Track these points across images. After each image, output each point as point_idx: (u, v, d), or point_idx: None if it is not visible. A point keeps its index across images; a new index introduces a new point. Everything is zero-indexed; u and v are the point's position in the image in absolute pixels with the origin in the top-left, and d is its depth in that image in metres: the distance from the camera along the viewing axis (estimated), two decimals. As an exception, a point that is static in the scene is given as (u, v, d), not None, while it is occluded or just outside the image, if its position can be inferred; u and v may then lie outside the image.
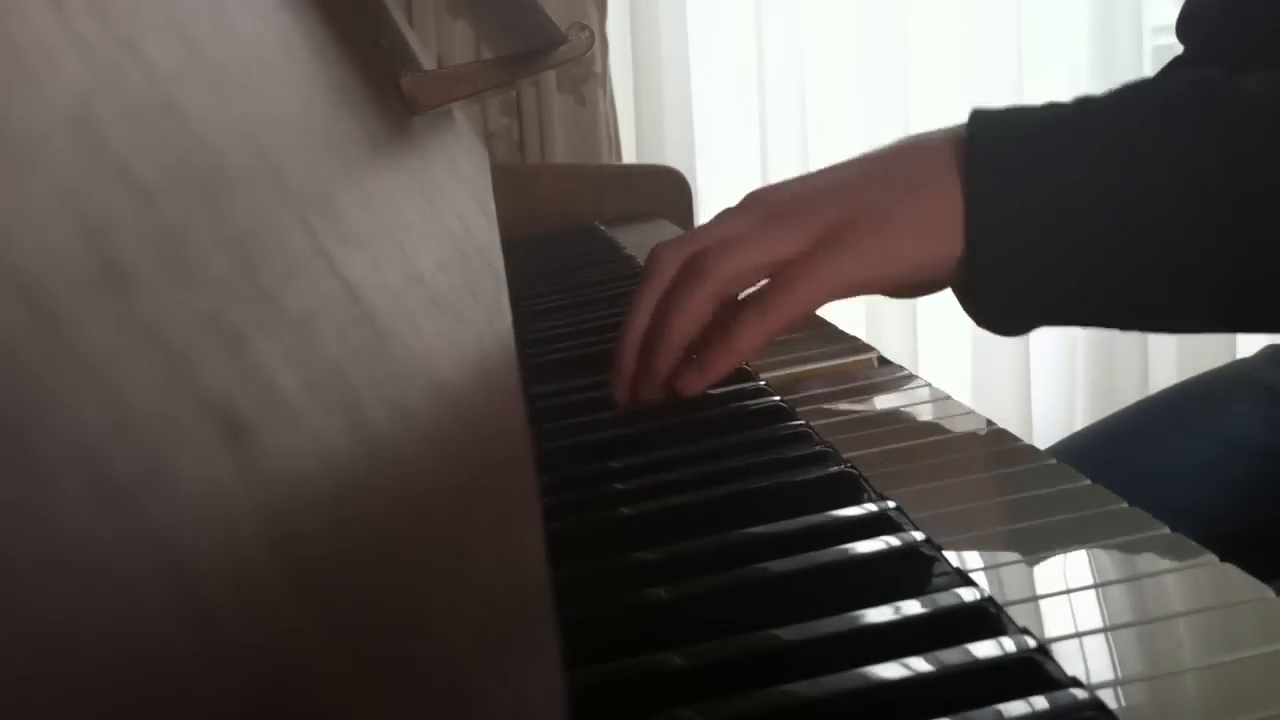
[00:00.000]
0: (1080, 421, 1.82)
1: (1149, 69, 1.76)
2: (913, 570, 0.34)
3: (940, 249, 0.50)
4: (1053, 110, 0.51)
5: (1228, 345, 1.70)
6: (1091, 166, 0.48)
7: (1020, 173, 0.49)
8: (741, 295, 0.53)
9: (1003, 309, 0.51)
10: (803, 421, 0.47)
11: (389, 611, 0.17)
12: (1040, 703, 0.26)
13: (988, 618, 0.31)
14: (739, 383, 0.53)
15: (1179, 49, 0.82)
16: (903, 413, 0.50)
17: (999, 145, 0.50)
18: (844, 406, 0.51)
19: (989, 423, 0.47)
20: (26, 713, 0.09)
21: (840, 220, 0.50)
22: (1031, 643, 0.29)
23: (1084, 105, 0.50)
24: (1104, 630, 0.31)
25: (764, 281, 0.51)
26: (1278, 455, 0.77)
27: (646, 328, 0.51)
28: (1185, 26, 0.82)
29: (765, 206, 0.51)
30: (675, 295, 0.50)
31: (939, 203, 0.50)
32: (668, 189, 1.13)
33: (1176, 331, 0.53)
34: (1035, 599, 0.33)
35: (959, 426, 0.48)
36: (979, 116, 0.51)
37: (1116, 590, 0.33)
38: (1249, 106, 0.47)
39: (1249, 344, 1.63)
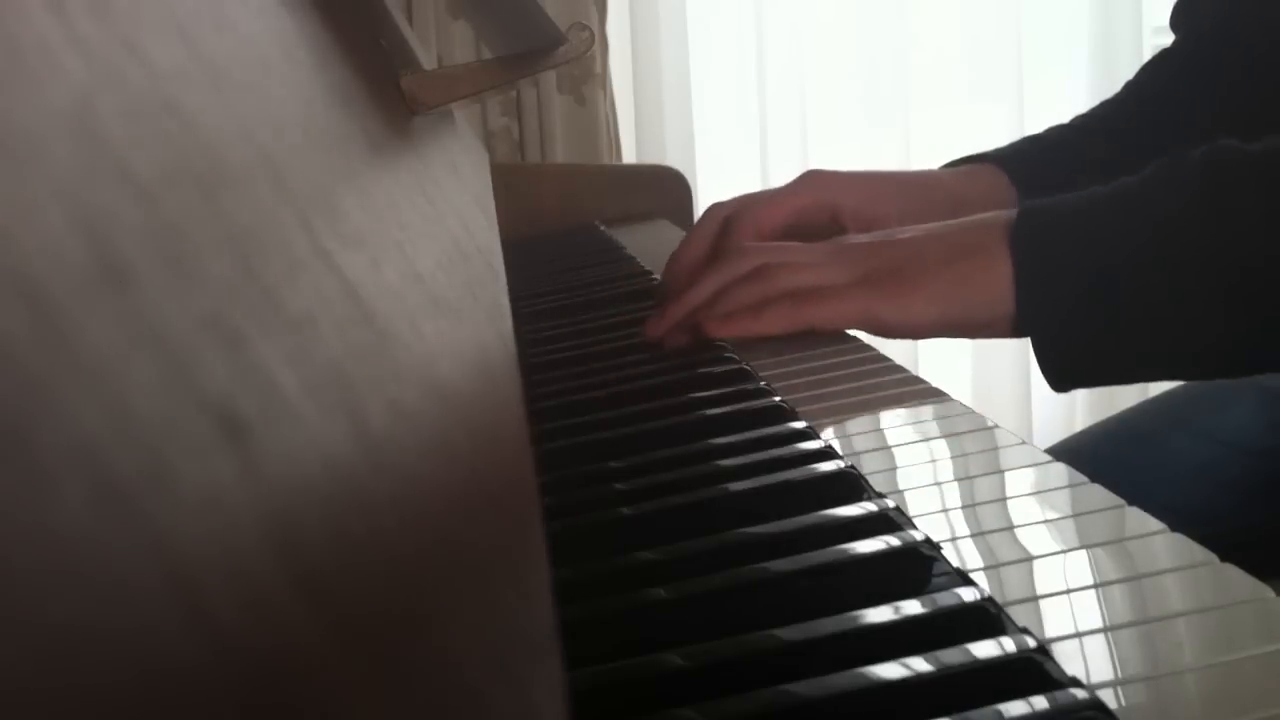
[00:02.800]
0: (1080, 422, 1.81)
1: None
2: (912, 570, 0.34)
3: (972, 316, 0.58)
4: (1092, 190, 0.57)
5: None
6: (1138, 230, 0.54)
7: (1068, 237, 0.56)
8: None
9: (1065, 368, 0.57)
10: (803, 421, 0.47)
11: (389, 612, 0.17)
12: (1040, 703, 0.26)
13: (988, 618, 0.31)
14: (739, 383, 0.53)
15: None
16: (902, 413, 0.50)
17: (1051, 221, 0.57)
18: (843, 406, 0.51)
19: (989, 422, 0.47)
20: (27, 715, 0.09)
21: (886, 269, 0.59)
22: (1031, 643, 0.29)
23: (1122, 184, 0.57)
24: (1104, 630, 0.31)
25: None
26: (1277, 456, 0.77)
27: (705, 299, 0.61)
28: (1179, 17, 0.82)
29: (837, 246, 0.62)
30: (739, 288, 0.60)
31: (981, 276, 0.57)
32: (668, 189, 1.13)
33: (1244, 374, 0.59)
34: (1035, 599, 0.33)
35: (959, 426, 0.48)
36: (1027, 206, 0.58)
37: (1116, 590, 0.33)
38: (1253, 169, 0.53)
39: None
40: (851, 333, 0.63)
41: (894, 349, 0.60)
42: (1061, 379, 0.57)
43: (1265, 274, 0.52)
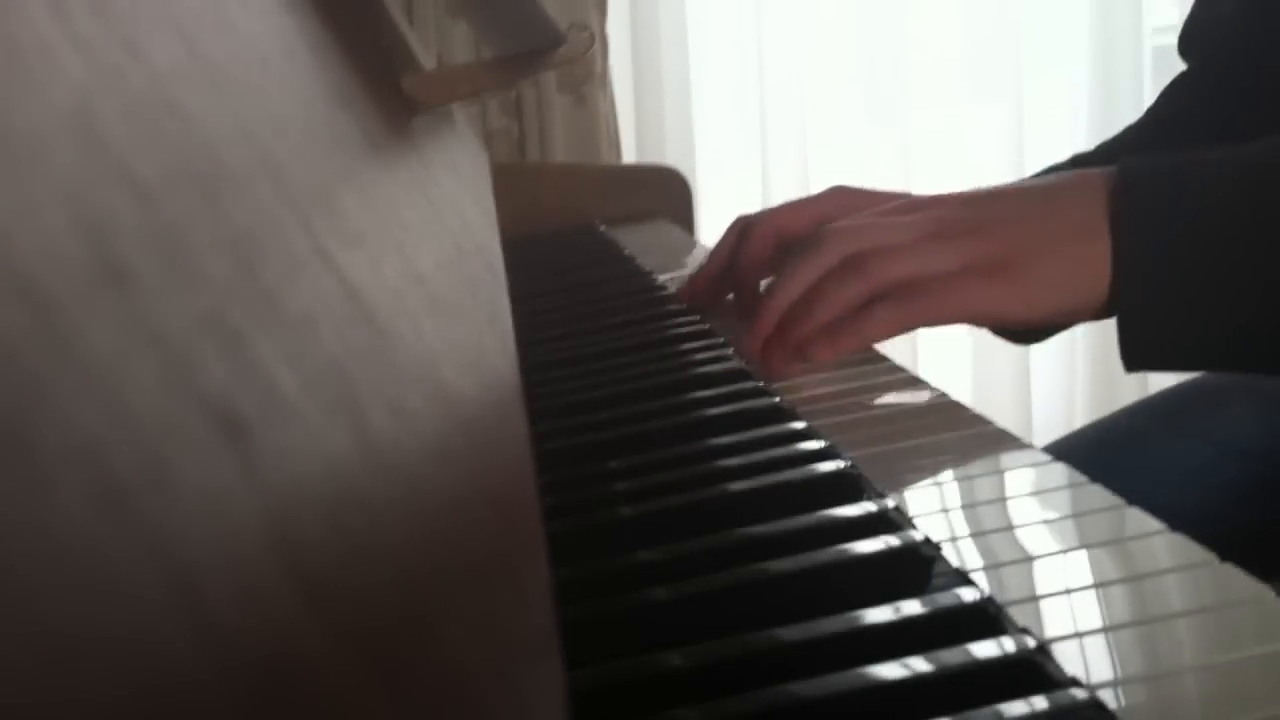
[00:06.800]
0: (1080, 422, 1.81)
1: (1149, 69, 1.76)
2: (913, 570, 0.34)
3: (1082, 300, 0.53)
4: (1198, 161, 0.53)
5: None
6: (1247, 212, 0.51)
7: (1167, 224, 0.52)
8: None
9: (1149, 355, 0.54)
10: (803, 421, 0.47)
11: (389, 611, 0.17)
12: (1040, 703, 0.26)
13: (987, 618, 0.31)
14: (739, 383, 0.53)
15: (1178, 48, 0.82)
16: (902, 413, 0.50)
17: (1150, 193, 0.52)
18: (843, 406, 0.51)
19: (989, 423, 0.48)
20: (28, 711, 0.09)
21: (997, 253, 0.53)
22: (1031, 643, 0.29)
23: (1232, 155, 0.53)
24: (1104, 630, 0.31)
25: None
26: (1272, 457, 0.77)
27: (795, 299, 0.55)
28: (1188, 44, 0.82)
29: (932, 221, 0.55)
30: (833, 284, 0.54)
31: (1087, 252, 0.53)
32: (668, 189, 1.13)
33: None
34: (1035, 599, 0.33)
35: (959, 427, 0.48)
36: (1128, 167, 0.54)
37: (1116, 590, 0.33)
38: None
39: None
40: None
41: (894, 348, 0.58)
42: (1138, 358, 0.53)
43: None
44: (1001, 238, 0.53)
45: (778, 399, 0.50)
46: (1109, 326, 0.55)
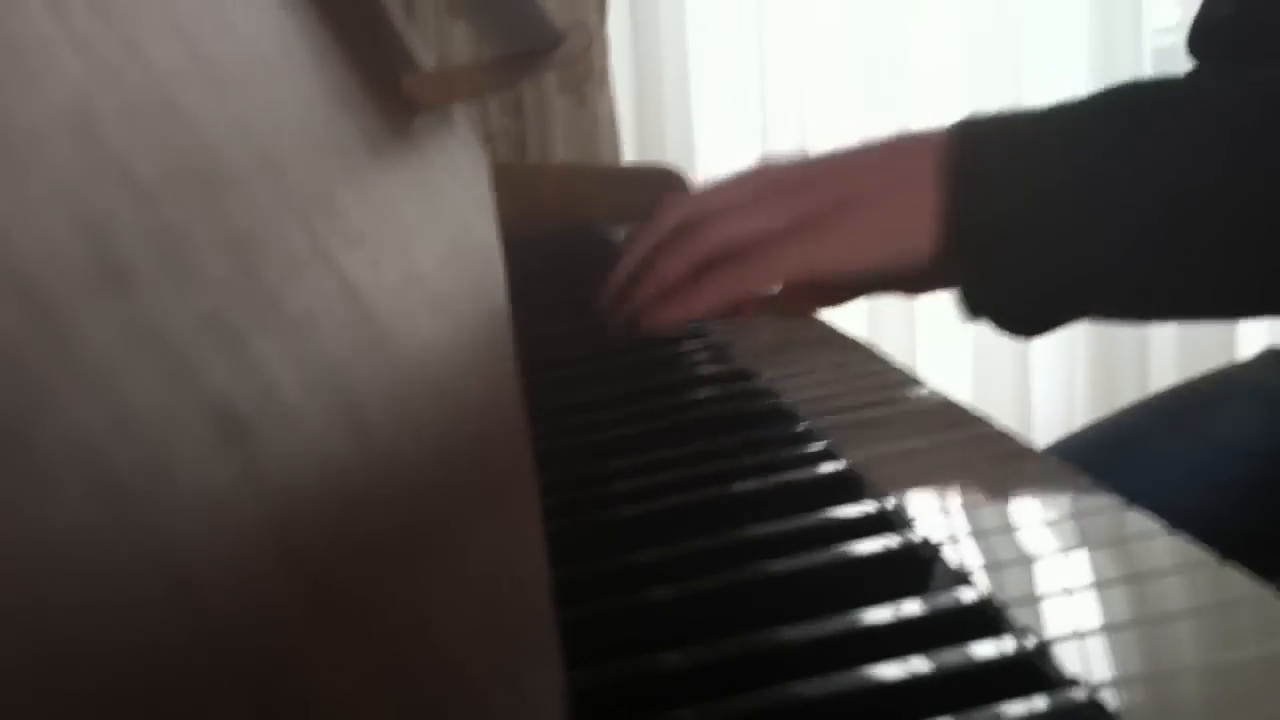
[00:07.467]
0: (1080, 421, 1.81)
1: (1149, 69, 1.76)
2: (912, 570, 0.34)
3: (908, 247, 0.54)
4: (1040, 110, 0.55)
5: (1228, 344, 1.70)
6: (1096, 155, 0.52)
7: (1000, 170, 0.53)
8: None
9: (990, 308, 0.54)
10: (803, 421, 0.47)
11: (389, 611, 0.17)
12: (1040, 702, 0.26)
13: (987, 618, 0.31)
14: (739, 383, 0.53)
15: (1179, 49, 0.82)
16: (902, 413, 0.50)
17: (978, 144, 0.54)
18: (842, 406, 0.51)
19: (989, 423, 0.47)
20: (27, 711, 0.09)
21: (823, 207, 0.54)
22: (1031, 643, 0.29)
23: (1071, 102, 0.54)
24: (1104, 630, 0.31)
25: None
26: (1272, 456, 0.76)
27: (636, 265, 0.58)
28: (1195, 41, 0.82)
29: (765, 182, 0.57)
30: (664, 251, 0.57)
31: (913, 202, 0.53)
32: (668, 189, 1.13)
33: (1194, 319, 0.57)
34: (1035, 599, 0.33)
35: (959, 427, 0.47)
36: (966, 120, 0.55)
37: (1116, 590, 0.33)
38: (1257, 90, 0.51)
39: (1249, 344, 1.63)
40: (849, 333, 0.63)
41: (892, 348, 0.58)
42: (975, 311, 0.54)
43: (1193, 207, 0.50)
44: (831, 191, 0.55)
45: (778, 398, 0.50)
46: (1109, 328, 0.55)
